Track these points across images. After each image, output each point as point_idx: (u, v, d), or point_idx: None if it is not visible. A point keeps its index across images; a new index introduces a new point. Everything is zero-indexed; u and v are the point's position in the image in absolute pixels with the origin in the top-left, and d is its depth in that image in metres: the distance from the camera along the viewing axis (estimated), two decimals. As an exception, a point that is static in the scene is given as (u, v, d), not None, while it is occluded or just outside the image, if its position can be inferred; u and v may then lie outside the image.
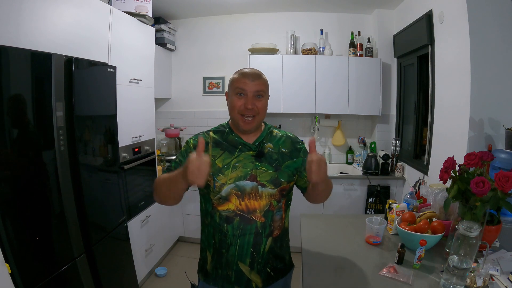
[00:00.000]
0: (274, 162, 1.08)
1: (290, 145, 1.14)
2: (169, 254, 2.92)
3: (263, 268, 1.10)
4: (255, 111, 1.04)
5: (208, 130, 1.14)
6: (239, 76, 1.06)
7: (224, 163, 1.05)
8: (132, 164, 2.18)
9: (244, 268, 1.08)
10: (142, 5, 2.31)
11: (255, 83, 1.04)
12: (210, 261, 1.12)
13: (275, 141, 1.12)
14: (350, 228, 1.57)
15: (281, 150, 1.11)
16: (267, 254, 1.09)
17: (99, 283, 1.71)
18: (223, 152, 1.07)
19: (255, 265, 1.08)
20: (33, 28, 1.38)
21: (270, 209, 1.06)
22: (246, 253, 1.07)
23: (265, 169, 1.06)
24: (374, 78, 2.89)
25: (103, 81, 1.82)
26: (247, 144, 1.08)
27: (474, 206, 1.13)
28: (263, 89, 1.06)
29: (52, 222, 1.44)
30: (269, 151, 1.09)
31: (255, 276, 1.09)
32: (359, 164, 3.09)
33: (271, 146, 1.11)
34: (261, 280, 1.10)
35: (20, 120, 1.28)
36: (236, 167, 1.04)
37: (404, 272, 1.14)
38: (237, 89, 1.04)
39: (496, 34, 1.69)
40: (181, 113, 3.42)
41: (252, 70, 1.08)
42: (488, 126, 1.71)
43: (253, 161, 1.06)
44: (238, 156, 1.06)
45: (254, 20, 3.22)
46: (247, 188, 1.03)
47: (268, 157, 1.08)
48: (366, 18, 3.13)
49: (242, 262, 1.07)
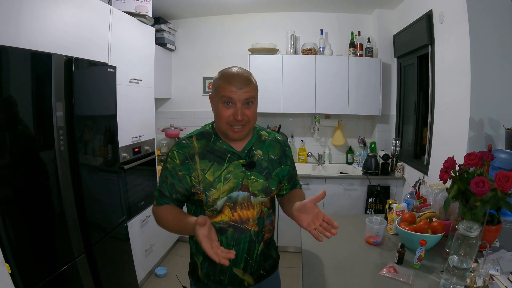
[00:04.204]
0: (265, 171, 1.04)
1: (279, 150, 1.10)
2: (169, 254, 2.92)
3: (256, 270, 1.11)
4: (245, 121, 0.95)
5: (190, 136, 1.04)
6: (225, 82, 0.93)
7: (214, 176, 0.98)
8: (132, 164, 2.17)
9: (238, 272, 1.08)
10: (142, 5, 2.31)
11: (243, 91, 0.92)
12: (201, 269, 1.09)
13: (265, 148, 1.07)
14: (350, 228, 1.57)
15: (271, 157, 1.07)
16: (260, 257, 1.10)
17: (99, 283, 1.71)
18: (212, 164, 0.99)
19: (248, 268, 1.09)
20: (33, 28, 1.38)
21: (261, 216, 1.05)
22: (240, 259, 1.06)
23: (256, 179, 1.02)
24: (374, 78, 2.89)
25: (103, 81, 1.81)
26: (236, 152, 1.01)
27: (474, 206, 1.13)
28: (253, 95, 0.95)
29: (52, 222, 1.44)
30: (258, 158, 1.04)
31: (248, 277, 1.10)
32: (359, 164, 3.09)
33: (261, 153, 1.05)
34: (253, 279, 1.11)
35: (20, 120, 1.28)
36: (227, 179, 0.99)
37: (404, 272, 1.14)
38: (224, 98, 0.93)
39: (496, 34, 1.69)
40: (181, 113, 3.42)
41: (239, 74, 0.95)
42: (488, 126, 1.71)
43: (243, 171, 1.00)
44: (228, 166, 1.00)
45: (254, 20, 3.22)
46: (239, 199, 1.00)
47: (258, 165, 1.03)
48: (366, 18, 3.13)
49: (237, 267, 1.07)
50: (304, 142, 3.31)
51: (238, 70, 0.97)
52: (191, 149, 1.00)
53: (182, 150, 1.00)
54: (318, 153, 3.24)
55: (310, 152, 3.19)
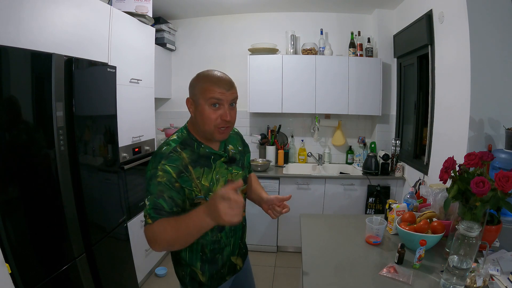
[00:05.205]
0: (240, 162, 1.16)
1: (241, 141, 1.23)
2: (169, 254, 2.92)
3: (244, 252, 1.27)
4: (231, 122, 1.00)
5: (174, 148, 0.99)
6: (212, 85, 0.95)
7: (209, 181, 1.02)
8: (132, 164, 2.18)
9: (233, 259, 1.19)
10: (142, 5, 2.31)
11: (231, 92, 0.98)
12: (202, 274, 1.11)
13: (232, 142, 1.17)
14: (350, 228, 1.57)
15: (239, 148, 1.19)
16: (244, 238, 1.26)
17: (99, 283, 1.71)
18: (203, 169, 1.01)
19: (239, 252, 1.22)
20: (33, 28, 1.38)
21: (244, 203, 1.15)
22: (236, 247, 1.19)
23: (237, 171, 1.13)
24: (374, 78, 2.89)
25: (103, 81, 1.81)
26: (217, 153, 1.07)
27: (474, 206, 1.13)
28: (237, 96, 1.02)
29: (52, 222, 1.44)
30: (233, 153, 1.15)
31: (239, 260, 1.23)
32: (359, 164, 3.09)
33: (232, 147, 1.15)
34: (242, 261, 1.25)
35: (20, 120, 1.28)
36: (218, 179, 1.05)
37: (404, 272, 1.14)
38: (212, 100, 0.95)
39: (496, 34, 1.69)
40: (181, 113, 3.42)
41: (223, 76, 0.99)
42: (488, 126, 1.71)
43: (226, 167, 1.09)
44: (215, 167, 1.05)
45: (254, 20, 3.22)
46: None
47: (235, 159, 1.14)
48: (366, 18, 3.13)
49: (233, 255, 1.18)
50: (304, 142, 3.31)
51: (220, 73, 1.01)
52: (182, 160, 0.98)
53: (174, 163, 0.96)
54: (318, 153, 3.24)
55: (310, 152, 3.19)
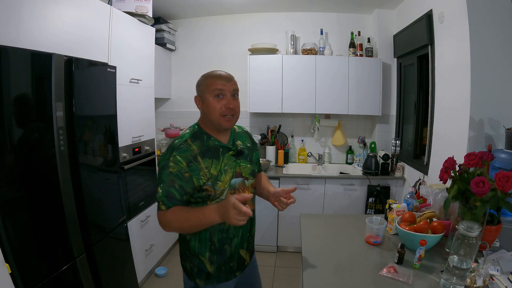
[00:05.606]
0: (248, 157, 1.23)
1: (249, 139, 1.31)
2: (169, 254, 2.92)
3: (252, 247, 1.30)
4: (235, 110, 1.11)
5: (185, 140, 1.10)
6: (214, 79, 1.10)
7: (217, 170, 1.09)
8: (132, 164, 2.17)
9: (242, 253, 1.22)
10: (142, 5, 2.31)
11: (231, 83, 1.11)
12: (211, 264, 1.14)
13: (241, 138, 1.25)
14: (350, 228, 1.57)
15: (247, 145, 1.26)
16: (254, 232, 1.30)
17: (99, 283, 1.71)
18: (212, 160, 1.10)
19: (248, 246, 1.25)
20: (33, 28, 1.38)
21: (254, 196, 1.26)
22: (244, 240, 1.21)
23: (245, 164, 1.19)
24: (374, 78, 2.89)
25: (103, 81, 1.81)
26: (225, 145, 1.15)
27: (474, 206, 1.13)
28: (237, 88, 1.14)
29: (52, 222, 1.44)
30: (241, 148, 1.22)
31: (247, 255, 1.25)
32: (359, 164, 3.09)
33: (240, 143, 1.23)
34: (250, 256, 1.28)
35: (20, 120, 1.28)
36: (226, 170, 1.12)
37: (404, 272, 1.14)
38: (216, 91, 1.08)
39: (496, 34, 1.69)
40: (181, 113, 3.42)
41: (223, 73, 1.13)
42: (488, 126, 1.71)
43: (234, 160, 1.16)
44: (223, 159, 1.12)
45: (254, 20, 3.22)
46: (236, 185, 1.14)
47: (243, 153, 1.21)
48: (366, 18, 3.13)
49: (242, 248, 1.21)
50: (304, 142, 3.31)
51: (221, 71, 1.14)
52: (191, 151, 1.07)
53: (184, 153, 1.06)
54: (318, 153, 3.24)
55: (310, 152, 3.19)
